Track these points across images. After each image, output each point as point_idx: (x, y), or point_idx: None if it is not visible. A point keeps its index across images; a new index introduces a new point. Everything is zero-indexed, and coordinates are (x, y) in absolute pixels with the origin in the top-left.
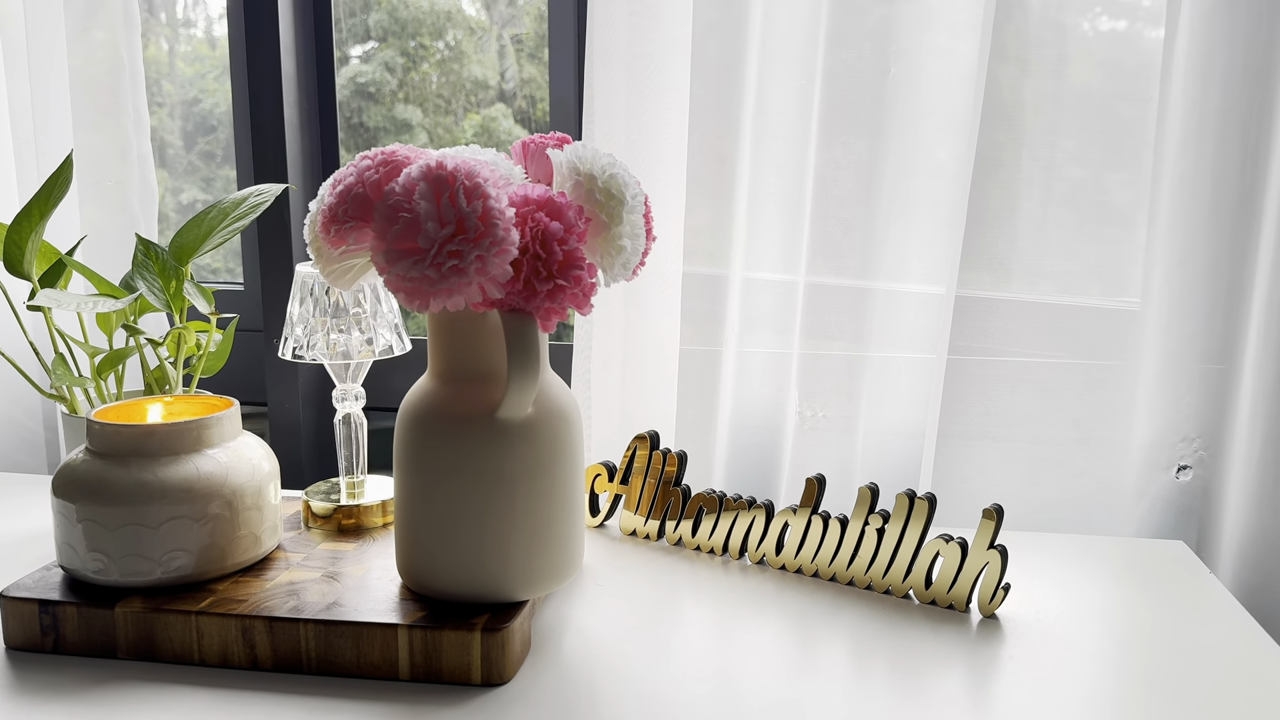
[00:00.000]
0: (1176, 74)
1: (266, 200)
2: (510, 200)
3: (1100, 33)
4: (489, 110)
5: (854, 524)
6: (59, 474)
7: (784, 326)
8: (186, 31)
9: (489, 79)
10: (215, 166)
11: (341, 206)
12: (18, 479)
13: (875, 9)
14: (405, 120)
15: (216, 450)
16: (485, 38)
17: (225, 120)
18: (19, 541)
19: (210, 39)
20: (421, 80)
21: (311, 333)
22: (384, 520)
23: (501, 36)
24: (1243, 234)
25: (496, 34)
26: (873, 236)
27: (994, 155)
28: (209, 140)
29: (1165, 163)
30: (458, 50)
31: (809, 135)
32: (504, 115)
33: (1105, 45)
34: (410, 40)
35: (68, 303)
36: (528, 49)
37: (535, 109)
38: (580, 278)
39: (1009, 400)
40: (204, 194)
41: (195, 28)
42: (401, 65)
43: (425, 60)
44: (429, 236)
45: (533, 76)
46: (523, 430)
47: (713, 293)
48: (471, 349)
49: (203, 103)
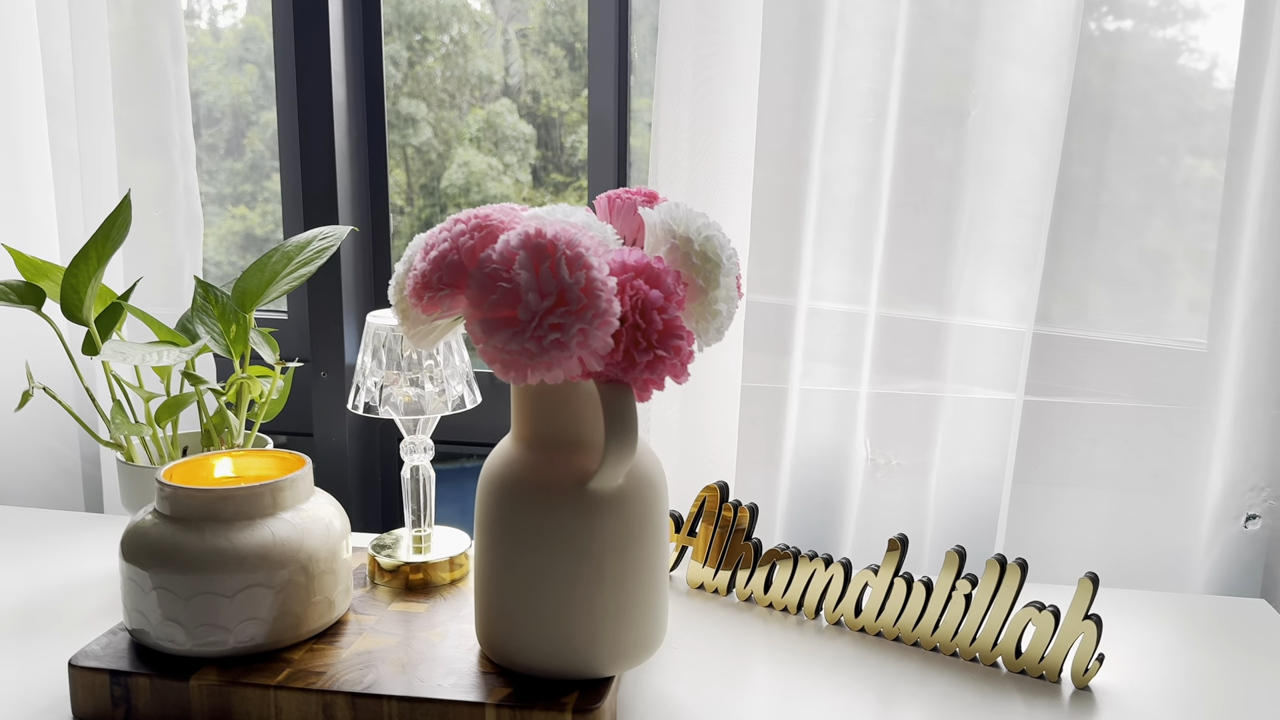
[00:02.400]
0: (1262, 122)
1: (332, 245)
2: (609, 267)
3: (1180, 78)
4: (494, 105)
5: (940, 588)
6: (129, 538)
7: (852, 361)
8: (190, 23)
9: (494, 74)
10: (218, 159)
11: (436, 274)
12: (62, 517)
13: (954, 50)
14: (410, 114)
15: (290, 513)
16: (490, 32)
17: (228, 113)
18: (70, 588)
19: (214, 31)
20: (426, 74)
21: (384, 386)
22: (451, 576)
23: (506, 31)
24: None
25: (501, 28)
26: (948, 273)
27: (1075, 195)
28: (212, 133)
29: (1247, 211)
30: (463, 44)
31: (881, 174)
32: (509, 110)
33: (1183, 90)
34: (415, 34)
35: (133, 356)
36: (533, 44)
37: (540, 104)
38: (680, 347)
39: (1089, 450)
40: (207, 186)
41: (199, 19)
42: (406, 59)
43: (430, 54)
44: (529, 308)
45: (537, 71)
46: (613, 501)
47: (778, 324)
48: (562, 417)
49: (206, 95)
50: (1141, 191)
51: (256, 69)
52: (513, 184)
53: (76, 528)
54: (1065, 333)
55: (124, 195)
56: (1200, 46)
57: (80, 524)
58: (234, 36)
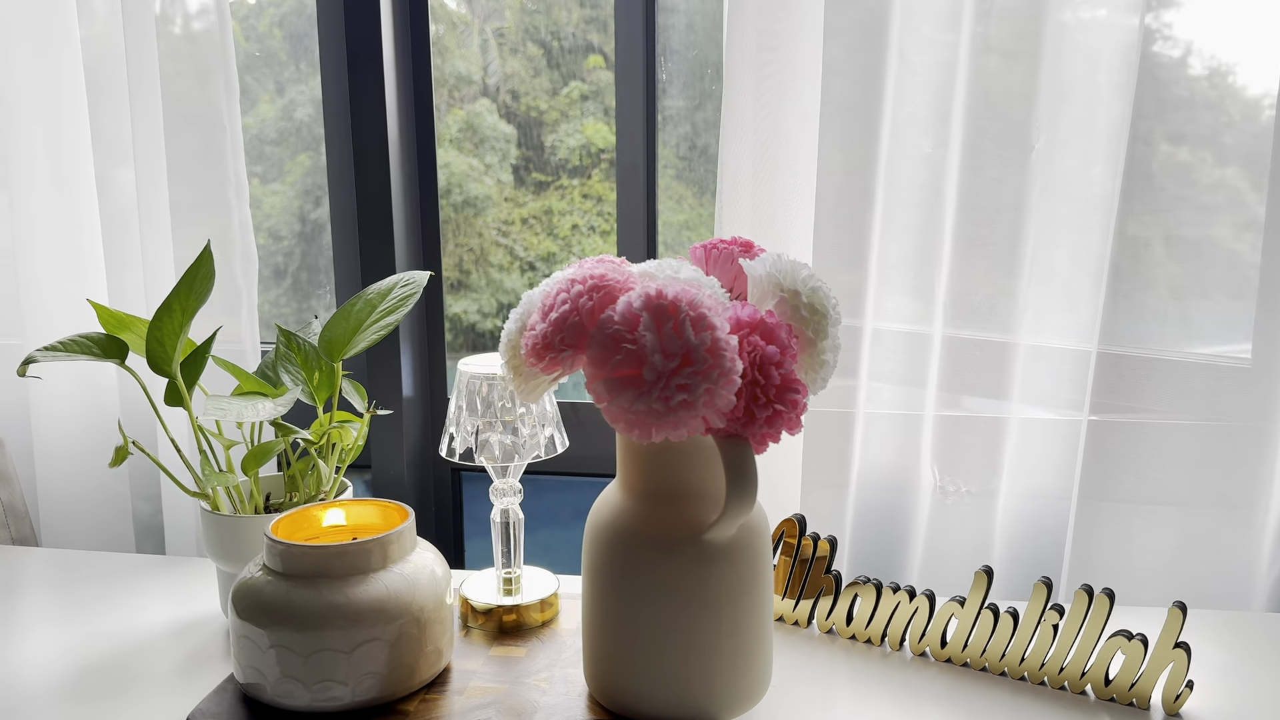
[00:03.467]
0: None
1: (415, 293)
2: None
3: (1248, 106)
4: (473, 106)
5: (1029, 618)
6: (241, 596)
7: (916, 382)
8: (165, 29)
9: (472, 74)
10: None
11: (558, 335)
12: (126, 562)
13: (1016, 83)
14: None
15: (400, 565)
16: (467, 32)
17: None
18: (154, 637)
19: (189, 35)
20: None
21: (479, 434)
22: (543, 617)
23: (484, 31)
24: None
25: (478, 28)
26: (1015, 295)
27: (1138, 230)
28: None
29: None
30: (440, 44)
31: (945, 201)
32: (488, 111)
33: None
34: None
35: (231, 412)
36: (510, 43)
37: (519, 103)
38: (796, 401)
39: (1157, 472)
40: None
41: (174, 24)
42: None
43: None
44: (655, 369)
45: (516, 70)
46: (728, 550)
47: (844, 348)
48: (675, 470)
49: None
50: (1203, 213)
51: None
52: (494, 184)
53: (143, 572)
54: (1131, 352)
55: (204, 246)
56: (1248, 72)
57: (145, 568)
58: (179, 24)
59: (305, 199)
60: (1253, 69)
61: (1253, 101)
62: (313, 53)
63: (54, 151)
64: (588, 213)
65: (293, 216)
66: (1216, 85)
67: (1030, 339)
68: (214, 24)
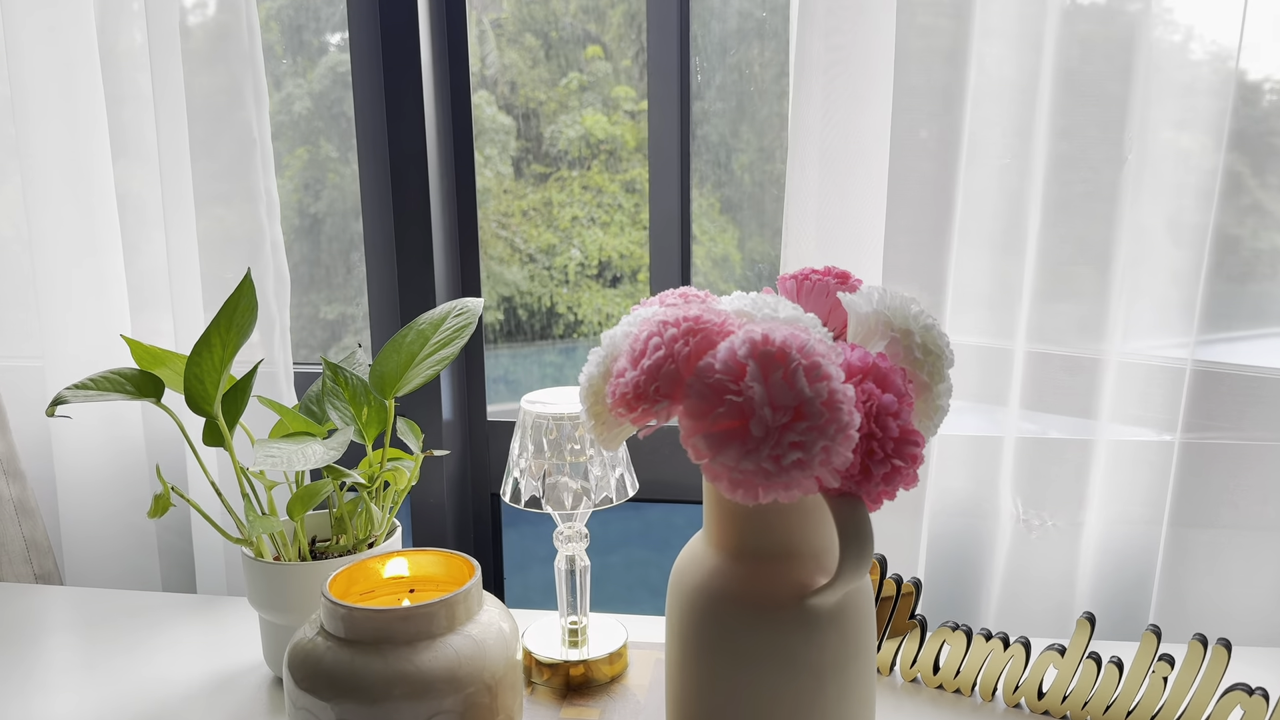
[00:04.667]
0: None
1: (470, 321)
2: None
3: None
4: (472, 98)
5: (1137, 669)
6: (299, 663)
7: (997, 399)
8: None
9: (470, 65)
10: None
11: (653, 384)
12: (156, 601)
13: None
14: None
15: (470, 625)
16: None
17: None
18: (196, 688)
19: (184, 29)
20: None
21: (548, 476)
22: (612, 672)
23: (481, 21)
24: None
25: (476, 18)
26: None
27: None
28: None
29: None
30: None
31: (1028, 225)
32: (487, 102)
33: None
34: None
35: (281, 460)
36: (508, 34)
37: (518, 95)
38: (916, 455)
39: (1256, 496)
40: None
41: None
42: None
43: None
44: (764, 424)
45: (513, 62)
46: (833, 616)
47: None
48: (777, 529)
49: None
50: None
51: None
52: (494, 176)
53: (175, 613)
54: (1228, 369)
55: (244, 274)
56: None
57: (177, 609)
58: (204, 35)
59: (305, 193)
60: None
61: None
62: (310, 46)
63: (73, 161)
64: (588, 204)
65: (292, 211)
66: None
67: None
68: (241, 28)
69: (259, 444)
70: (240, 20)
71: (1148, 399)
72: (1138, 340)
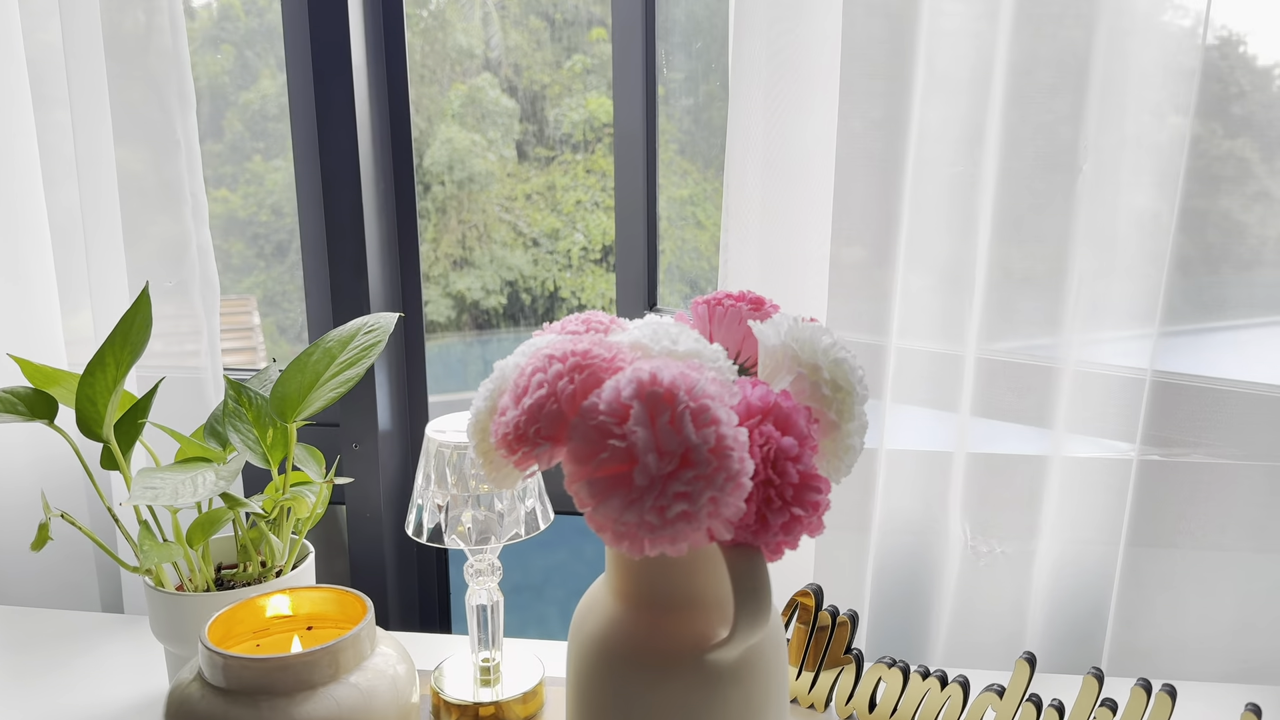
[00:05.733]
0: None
1: (380, 339)
2: None
3: None
4: (475, 80)
5: (1077, 716)
6: (174, 711)
7: (948, 406)
8: (113, 32)
9: (474, 47)
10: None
11: (533, 425)
12: (86, 621)
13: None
14: None
15: (356, 674)
16: (469, 5)
17: (205, 95)
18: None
19: (188, 10)
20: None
21: (449, 510)
22: (525, 712)
23: (485, 3)
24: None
25: (480, 1)
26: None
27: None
28: None
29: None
30: (441, 18)
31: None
32: (490, 85)
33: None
34: None
35: (166, 492)
36: (512, 16)
37: (522, 77)
38: (818, 502)
39: (1217, 515)
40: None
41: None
42: None
43: (409, 29)
44: (648, 472)
45: (518, 44)
46: (737, 670)
47: None
48: (674, 577)
49: None
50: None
51: (233, 48)
52: (497, 159)
53: (106, 634)
54: (1188, 380)
55: (142, 288)
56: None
57: (108, 629)
58: (208, 16)
59: None
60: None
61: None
62: None
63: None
64: (591, 188)
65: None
66: None
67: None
68: (165, 25)
69: (141, 474)
70: (164, 19)
71: (1107, 397)
72: (1098, 333)
